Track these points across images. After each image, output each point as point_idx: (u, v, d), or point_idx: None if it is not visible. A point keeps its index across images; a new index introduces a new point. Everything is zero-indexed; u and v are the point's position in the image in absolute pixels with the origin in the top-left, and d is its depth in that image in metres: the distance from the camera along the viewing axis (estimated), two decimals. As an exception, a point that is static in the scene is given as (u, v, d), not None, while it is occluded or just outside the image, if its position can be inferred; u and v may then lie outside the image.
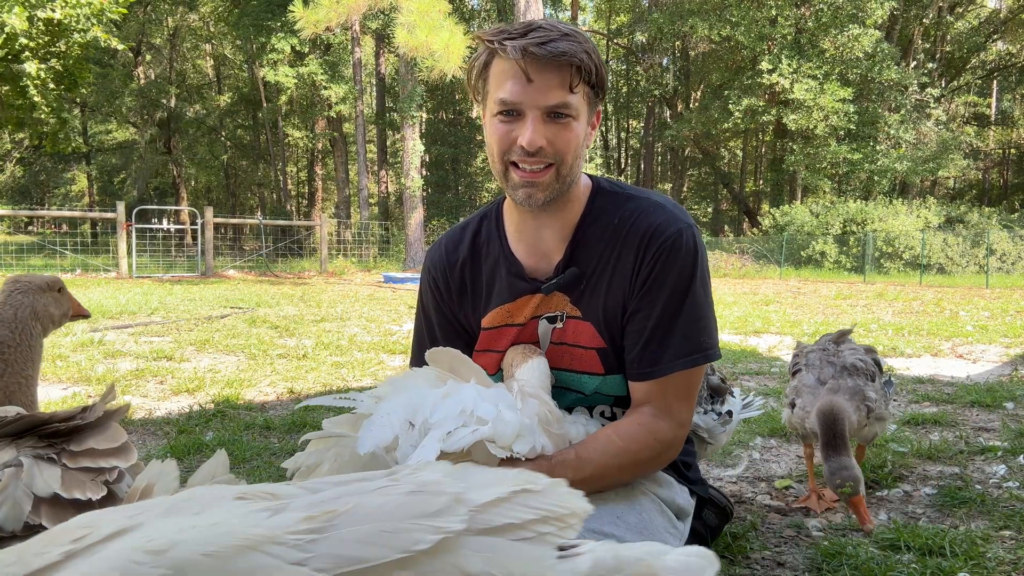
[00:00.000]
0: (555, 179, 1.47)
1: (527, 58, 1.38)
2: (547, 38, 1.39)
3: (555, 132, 1.43)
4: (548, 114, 1.42)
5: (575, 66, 1.40)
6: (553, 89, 1.41)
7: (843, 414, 2.20)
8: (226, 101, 41.40)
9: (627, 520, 1.45)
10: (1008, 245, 21.70)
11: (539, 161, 1.45)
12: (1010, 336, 7.09)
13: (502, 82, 1.43)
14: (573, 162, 1.48)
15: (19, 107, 16.86)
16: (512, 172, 1.48)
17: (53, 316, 1.63)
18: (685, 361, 1.51)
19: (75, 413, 1.10)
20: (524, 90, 1.41)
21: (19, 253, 19.62)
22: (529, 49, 1.38)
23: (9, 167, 40.57)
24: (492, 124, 1.47)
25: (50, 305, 1.62)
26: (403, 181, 21.98)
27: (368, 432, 1.22)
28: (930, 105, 29.46)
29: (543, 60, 1.38)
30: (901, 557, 1.96)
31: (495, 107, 1.45)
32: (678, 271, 1.51)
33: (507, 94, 1.42)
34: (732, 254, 25.26)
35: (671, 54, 37.37)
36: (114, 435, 1.08)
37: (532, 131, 1.41)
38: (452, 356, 1.44)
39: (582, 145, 1.49)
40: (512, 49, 1.38)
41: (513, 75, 1.41)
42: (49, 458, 1.02)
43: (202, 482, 0.88)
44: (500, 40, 1.41)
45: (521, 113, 1.43)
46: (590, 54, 1.42)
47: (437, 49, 14.41)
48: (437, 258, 1.75)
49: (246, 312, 8.83)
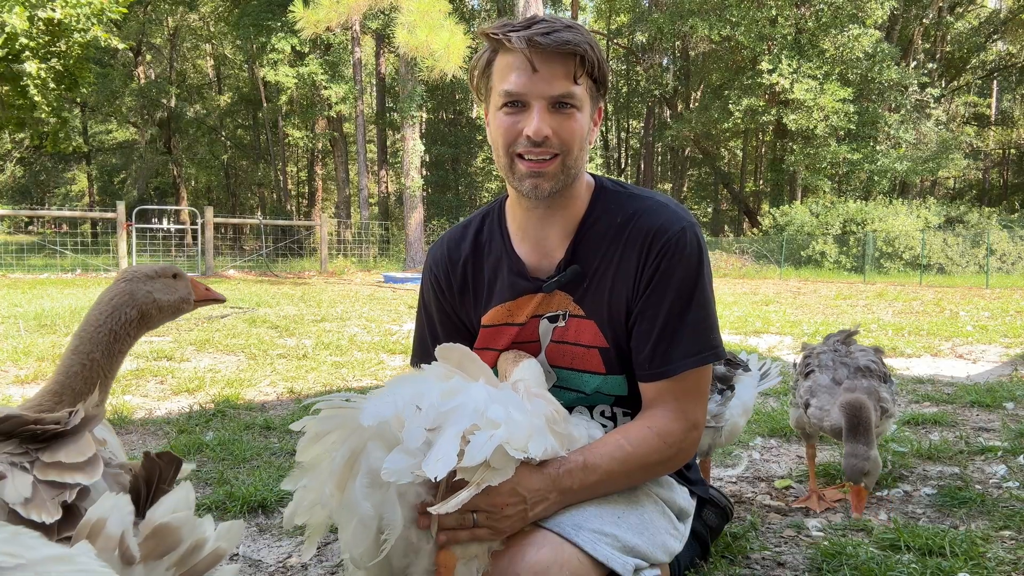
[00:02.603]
0: (560, 169, 1.48)
1: (532, 48, 1.40)
2: (551, 28, 1.41)
3: (560, 122, 1.45)
4: (553, 104, 1.44)
5: (579, 56, 1.42)
6: (558, 79, 1.42)
7: (868, 406, 2.27)
8: (226, 101, 41.41)
9: (628, 520, 1.45)
10: (1008, 245, 21.70)
11: (545, 152, 1.45)
12: (1010, 336, 7.09)
13: (506, 75, 1.45)
14: (578, 153, 1.49)
15: (19, 107, 16.87)
16: (518, 163, 1.48)
17: (160, 303, 1.55)
18: (696, 360, 1.51)
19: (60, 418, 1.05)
20: (529, 80, 1.42)
21: (19, 253, 19.61)
22: (534, 39, 1.39)
23: (9, 167, 40.58)
24: (497, 117, 1.48)
25: (157, 292, 1.55)
26: (403, 181, 21.99)
27: (372, 404, 1.25)
28: (930, 105, 29.46)
29: (548, 50, 1.40)
30: (901, 557, 1.96)
31: (500, 100, 1.46)
32: (683, 270, 1.51)
33: (512, 85, 1.43)
34: (732, 254, 25.26)
35: (671, 54, 37.36)
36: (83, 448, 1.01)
37: (539, 120, 1.43)
38: (462, 353, 1.44)
39: (586, 137, 1.50)
40: (517, 40, 1.40)
41: (518, 67, 1.43)
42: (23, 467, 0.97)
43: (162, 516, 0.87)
44: (505, 32, 1.42)
45: (526, 104, 1.44)
46: (592, 47, 1.44)
47: (438, 49, 14.41)
48: (439, 256, 1.75)
49: (246, 312, 8.83)
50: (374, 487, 1.22)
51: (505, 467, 1.25)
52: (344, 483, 1.23)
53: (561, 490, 1.36)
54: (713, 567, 1.94)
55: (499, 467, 1.23)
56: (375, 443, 1.23)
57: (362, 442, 1.24)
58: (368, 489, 1.22)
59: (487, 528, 1.28)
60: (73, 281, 14.27)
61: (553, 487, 1.35)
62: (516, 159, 1.48)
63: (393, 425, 1.24)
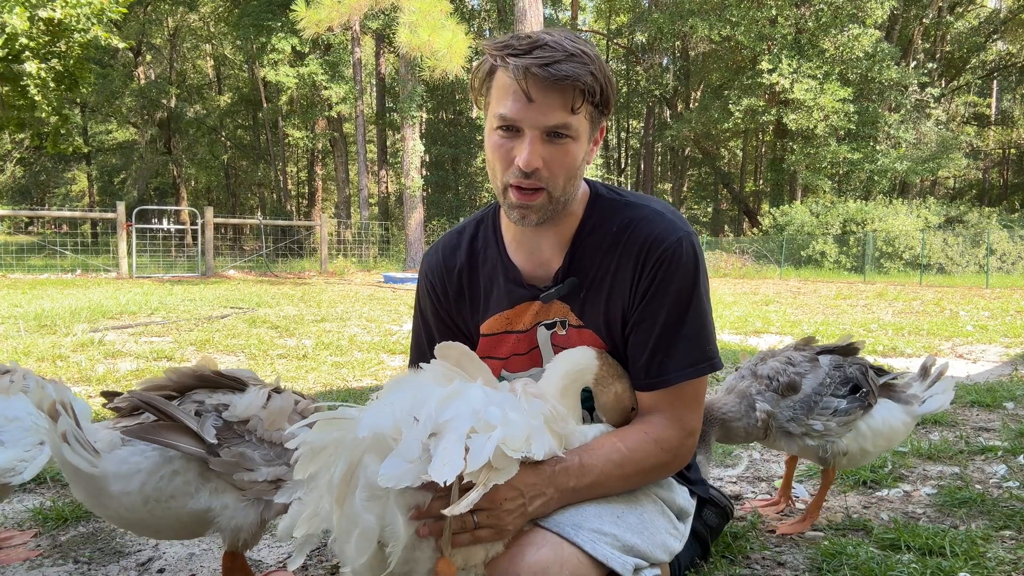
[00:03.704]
0: (547, 202, 1.47)
1: (529, 78, 1.36)
2: (551, 59, 1.35)
3: (552, 153, 1.42)
4: (547, 134, 1.41)
5: (578, 88, 1.38)
6: (554, 110, 1.38)
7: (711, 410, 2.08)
8: (226, 101, 41.40)
9: (628, 520, 1.45)
10: (1008, 245, 21.70)
11: (533, 183, 1.44)
12: (1010, 336, 7.09)
13: (503, 97, 1.42)
14: (566, 184, 1.47)
15: (20, 107, 16.85)
16: (510, 192, 1.47)
17: None
18: (692, 371, 1.51)
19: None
20: (524, 109, 1.39)
21: (19, 253, 19.61)
22: (531, 70, 1.35)
23: (9, 167, 40.57)
24: (493, 137, 1.46)
25: None
26: (403, 181, 21.99)
27: (368, 415, 1.24)
28: (930, 105, 29.46)
29: (545, 82, 1.36)
30: (901, 557, 1.96)
31: (495, 121, 1.44)
32: (680, 281, 1.51)
33: (507, 111, 1.40)
34: (732, 254, 25.26)
35: (671, 54, 37.37)
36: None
37: (529, 152, 1.40)
38: (461, 352, 1.44)
39: (579, 166, 1.48)
40: (515, 68, 1.36)
41: (514, 92, 1.39)
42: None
43: None
44: (504, 56, 1.39)
45: (520, 131, 1.41)
46: (595, 75, 1.39)
47: (440, 49, 14.41)
48: (434, 263, 1.74)
49: (246, 312, 8.83)
50: (374, 499, 1.22)
51: (508, 467, 1.25)
52: (343, 498, 1.23)
53: (558, 487, 1.36)
54: (713, 567, 1.94)
55: (501, 467, 1.24)
56: (372, 456, 1.22)
57: (359, 454, 1.23)
58: (368, 502, 1.21)
59: (488, 528, 1.27)
60: (73, 281, 14.27)
61: (549, 483, 1.35)
62: (508, 187, 1.47)
63: (390, 436, 1.23)
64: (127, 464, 1.48)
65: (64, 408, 1.39)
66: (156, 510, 1.50)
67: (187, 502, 1.53)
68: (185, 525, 1.56)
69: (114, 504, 1.47)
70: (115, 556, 2.05)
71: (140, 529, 1.57)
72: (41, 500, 2.48)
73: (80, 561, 2.01)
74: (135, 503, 1.48)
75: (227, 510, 1.56)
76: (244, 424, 1.60)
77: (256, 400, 1.64)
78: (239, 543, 1.61)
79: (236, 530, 1.58)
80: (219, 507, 1.56)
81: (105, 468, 1.45)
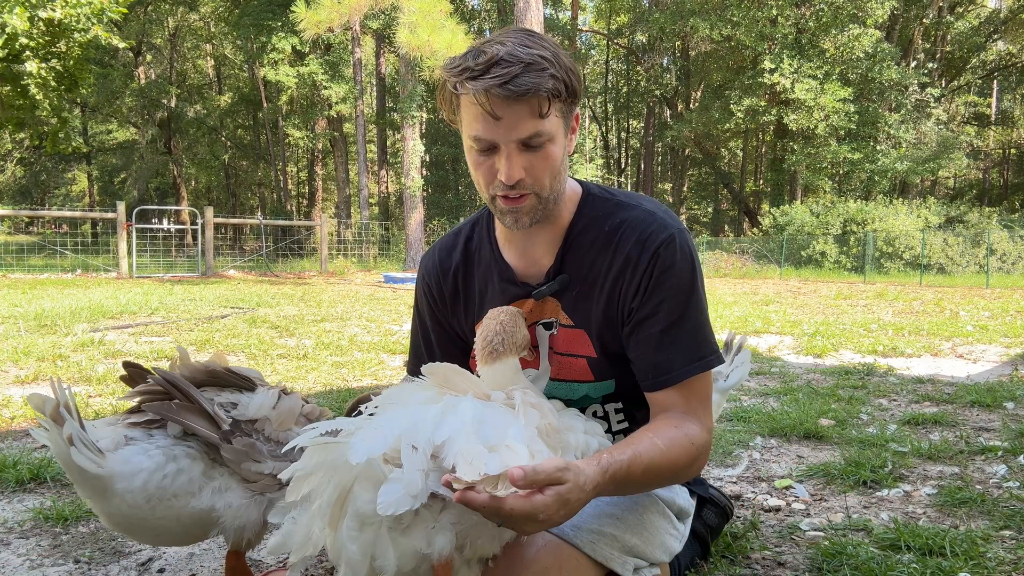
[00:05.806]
0: (536, 203, 1.47)
1: (491, 99, 1.35)
2: (508, 75, 1.33)
3: (531, 160, 1.41)
4: (522, 144, 1.40)
5: (542, 96, 1.36)
6: (523, 121, 1.37)
7: None
8: (226, 101, 41.42)
9: (627, 520, 1.45)
10: (1008, 245, 21.71)
11: (519, 192, 1.44)
12: (1010, 336, 7.09)
13: (471, 120, 1.41)
14: (552, 182, 1.47)
15: (20, 107, 16.85)
16: (498, 200, 1.47)
17: None
18: (698, 365, 1.50)
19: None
20: (494, 127, 1.38)
21: (19, 253, 19.62)
22: (492, 91, 1.34)
23: (9, 167, 40.61)
24: (471, 155, 1.46)
25: None
26: (403, 181, 22.00)
27: (361, 441, 1.17)
28: (930, 105, 29.46)
29: (507, 99, 1.34)
30: (901, 557, 1.96)
31: (470, 141, 1.44)
32: (677, 277, 1.50)
33: (478, 132, 1.40)
34: (732, 254, 25.26)
35: (671, 54, 37.37)
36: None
37: (508, 167, 1.40)
38: (447, 369, 1.42)
39: (562, 163, 1.48)
40: (475, 92, 1.35)
41: (481, 114, 1.38)
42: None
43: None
44: (462, 81, 1.37)
45: (496, 146, 1.41)
46: (556, 75, 1.37)
47: (440, 49, 14.40)
48: (431, 265, 1.75)
49: (246, 312, 8.83)
50: (363, 528, 1.18)
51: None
52: (336, 521, 1.20)
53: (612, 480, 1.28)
54: (713, 567, 1.94)
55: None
56: (362, 484, 1.18)
57: (350, 481, 1.19)
58: (356, 532, 1.18)
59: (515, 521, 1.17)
60: (73, 281, 14.27)
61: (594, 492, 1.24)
62: (495, 197, 1.47)
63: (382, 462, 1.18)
64: (131, 463, 1.48)
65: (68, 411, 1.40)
66: (159, 509, 1.51)
67: (190, 501, 1.53)
68: (187, 528, 1.57)
69: (117, 502, 1.48)
70: (115, 556, 2.05)
71: (141, 533, 1.57)
72: (41, 500, 2.48)
73: (80, 561, 2.01)
74: (138, 501, 1.48)
75: (231, 509, 1.57)
76: (252, 424, 1.62)
77: (267, 401, 1.67)
78: (243, 542, 1.62)
79: (240, 529, 1.59)
80: (223, 506, 1.57)
81: (111, 468, 1.46)
